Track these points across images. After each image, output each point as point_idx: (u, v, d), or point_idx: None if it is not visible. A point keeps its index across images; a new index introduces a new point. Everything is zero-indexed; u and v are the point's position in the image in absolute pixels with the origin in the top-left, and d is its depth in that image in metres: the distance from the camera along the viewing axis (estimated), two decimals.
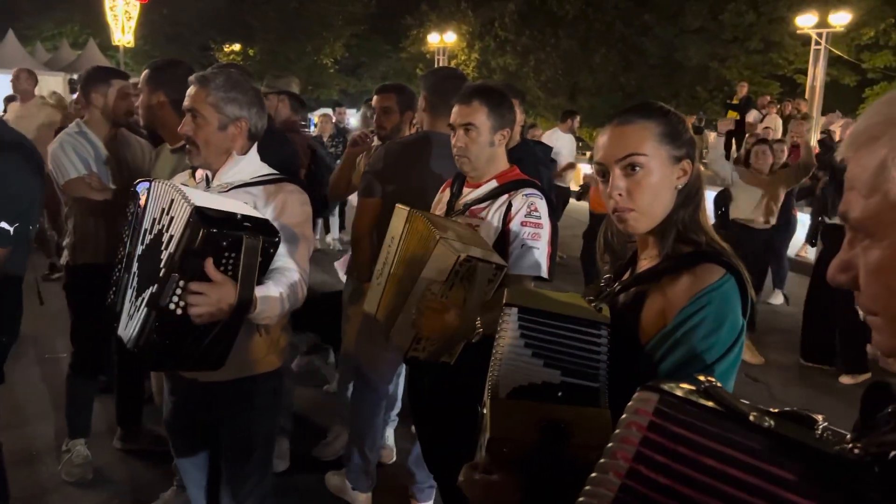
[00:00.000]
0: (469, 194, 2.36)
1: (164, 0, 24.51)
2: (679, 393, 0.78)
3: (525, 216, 2.20)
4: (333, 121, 9.81)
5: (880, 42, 19.33)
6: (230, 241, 1.67)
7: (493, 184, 2.31)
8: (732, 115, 13.34)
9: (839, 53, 18.55)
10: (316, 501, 3.29)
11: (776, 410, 0.74)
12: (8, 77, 18.56)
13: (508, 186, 2.29)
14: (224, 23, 26.56)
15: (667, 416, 0.76)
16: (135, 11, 22.26)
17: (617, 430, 0.82)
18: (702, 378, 0.78)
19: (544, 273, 2.23)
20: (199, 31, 26.67)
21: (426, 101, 2.98)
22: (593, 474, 0.81)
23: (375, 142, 3.53)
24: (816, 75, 17.39)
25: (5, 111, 9.55)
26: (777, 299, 7.28)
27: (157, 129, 2.92)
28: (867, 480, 0.63)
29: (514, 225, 2.21)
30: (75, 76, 16.77)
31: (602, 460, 0.81)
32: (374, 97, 3.50)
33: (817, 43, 17.42)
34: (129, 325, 1.80)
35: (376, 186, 2.91)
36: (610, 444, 0.81)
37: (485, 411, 1.23)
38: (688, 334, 1.24)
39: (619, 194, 1.36)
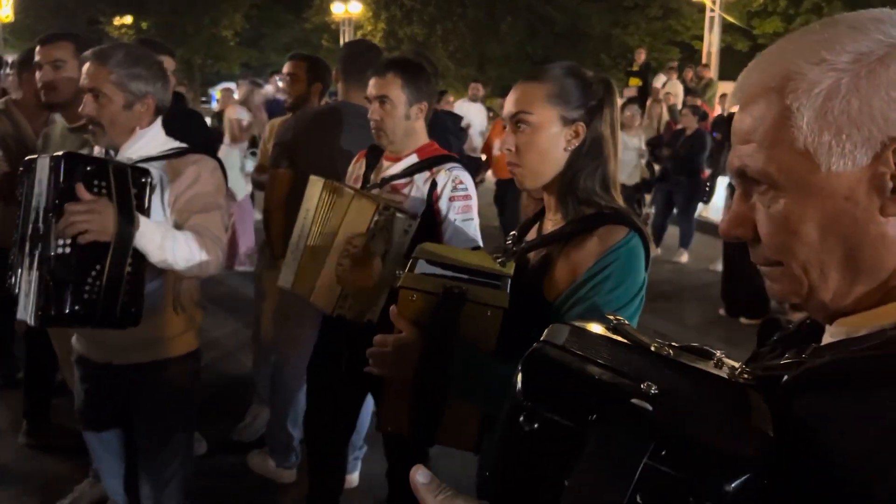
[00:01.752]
0: (388, 168, 2.32)
1: None
2: (588, 328, 0.81)
3: (452, 191, 2.18)
4: (235, 96, 9.47)
5: (769, 9, 20.24)
6: (96, 167, 1.72)
7: (413, 158, 2.28)
8: (635, 81, 13.74)
9: (731, 20, 19.35)
10: (241, 482, 3.25)
11: (677, 345, 0.76)
12: None
13: (430, 162, 2.25)
14: None
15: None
16: None
17: None
18: (611, 317, 0.81)
19: (479, 243, 2.24)
20: (85, 2, 25.06)
21: (339, 72, 2.95)
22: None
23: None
24: (712, 41, 18.10)
25: None
26: (683, 258, 7.66)
27: (59, 109, 2.76)
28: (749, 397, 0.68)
29: (442, 202, 2.18)
30: None
31: None
32: (285, 64, 3.48)
33: (711, 10, 18.12)
34: (29, 300, 1.73)
35: (286, 157, 2.86)
36: None
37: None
38: (594, 289, 1.31)
39: (508, 149, 1.45)
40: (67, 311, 1.70)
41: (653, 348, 0.73)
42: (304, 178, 2.30)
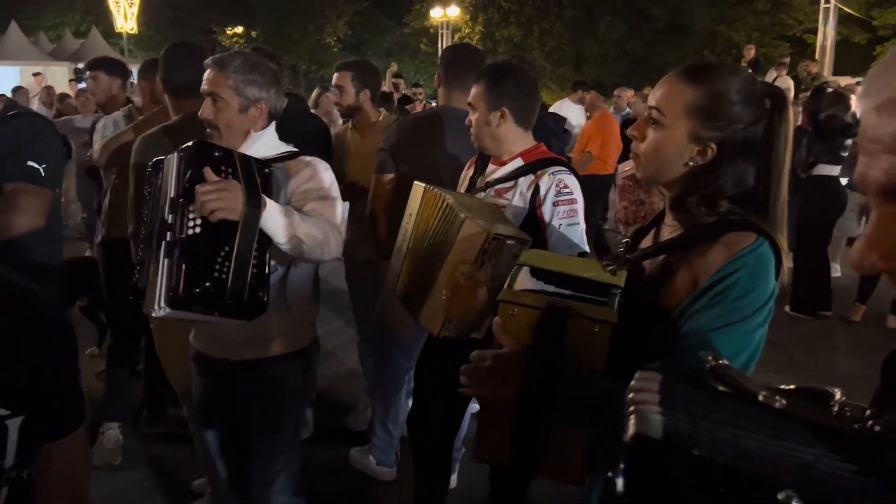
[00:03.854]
0: (493, 172, 2.32)
1: None
2: (683, 373, 0.73)
3: (556, 196, 2.14)
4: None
5: None
6: (222, 154, 1.79)
7: (518, 162, 2.26)
8: None
9: (849, 11, 18.20)
10: (341, 477, 3.34)
11: (788, 388, 0.68)
12: (15, 69, 18.57)
13: (533, 165, 2.23)
14: (225, 5, 26.38)
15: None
16: None
17: None
18: (709, 357, 0.73)
19: (585, 248, 2.19)
20: (200, 14, 26.51)
21: (440, 76, 2.97)
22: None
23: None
24: (826, 34, 17.12)
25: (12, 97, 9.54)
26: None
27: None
28: (889, 458, 0.58)
29: (545, 207, 2.15)
30: (80, 65, 16.79)
31: None
32: (334, 76, 3.56)
33: (826, 1, 17.10)
34: (156, 290, 1.78)
35: (390, 162, 2.90)
36: None
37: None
38: (717, 297, 1.23)
39: (635, 135, 1.38)
40: (197, 290, 1.70)
41: (761, 398, 0.65)
42: (407, 183, 2.33)
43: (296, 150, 2.12)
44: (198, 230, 1.72)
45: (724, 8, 21.88)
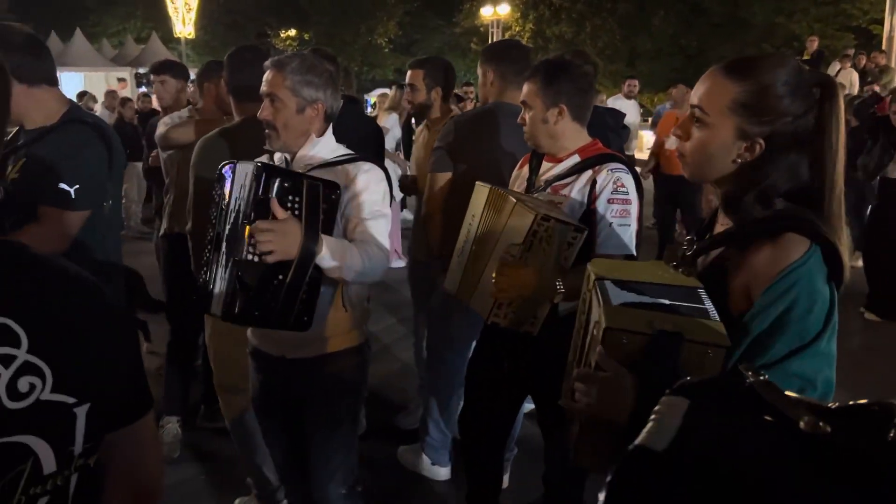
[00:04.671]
0: (549, 170, 2.28)
1: None
2: (713, 395, 0.67)
3: (612, 193, 2.10)
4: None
5: None
6: (291, 183, 1.82)
7: (575, 158, 2.22)
8: None
9: None
10: (390, 474, 3.34)
11: (838, 406, 0.60)
12: (79, 75, 19.25)
13: (591, 161, 2.18)
14: (279, 8, 26.89)
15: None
16: (194, 2, 22.73)
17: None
18: (749, 373, 0.66)
19: (633, 252, 2.14)
20: (255, 18, 27.08)
21: (493, 73, 2.94)
22: None
23: None
24: (894, 24, 16.40)
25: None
26: (858, 262, 7.02)
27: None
28: None
29: (599, 203, 2.11)
30: (141, 70, 17.32)
31: None
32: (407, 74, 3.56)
33: None
34: (217, 295, 1.88)
35: (447, 161, 2.89)
36: None
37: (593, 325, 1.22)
38: (781, 320, 1.18)
39: (678, 134, 1.35)
40: (248, 313, 1.82)
41: (802, 425, 0.57)
42: (464, 182, 2.31)
43: (354, 154, 2.13)
44: (256, 258, 1.79)
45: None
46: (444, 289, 2.33)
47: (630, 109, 7.88)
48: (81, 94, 10.63)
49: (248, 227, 1.78)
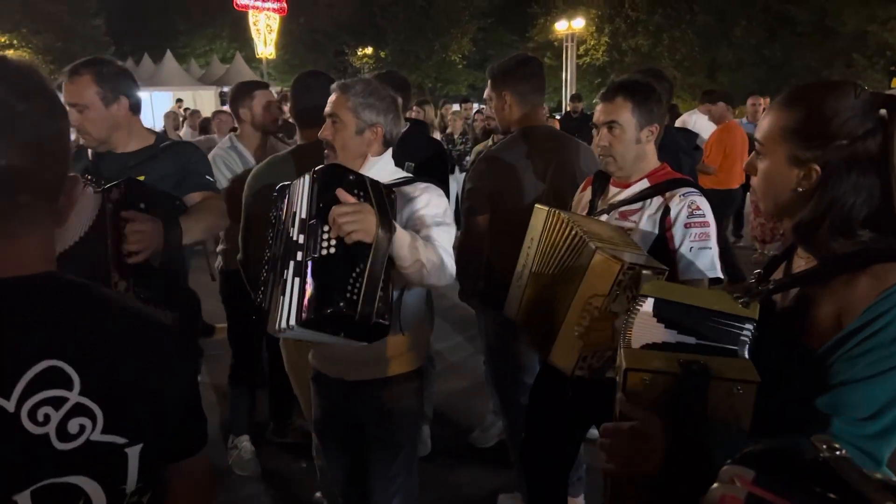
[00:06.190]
0: (617, 195, 2.23)
1: (301, 10, 25.82)
2: (780, 469, 0.63)
3: (688, 217, 2.05)
4: (462, 117, 9.81)
5: None
6: (355, 178, 1.82)
7: (644, 183, 2.17)
8: None
9: None
10: (454, 495, 3.31)
11: None
12: (169, 95, 20.25)
13: (662, 187, 2.13)
14: (357, 27, 27.58)
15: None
16: (275, 24, 23.58)
17: None
18: (823, 445, 0.63)
19: (719, 274, 2.07)
20: (333, 37, 27.86)
21: (510, 96, 2.77)
22: None
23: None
24: None
25: (164, 127, 10.34)
26: None
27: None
28: None
29: (676, 230, 2.05)
30: (225, 89, 18.07)
31: None
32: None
33: None
34: (282, 312, 1.81)
35: (485, 203, 2.76)
36: None
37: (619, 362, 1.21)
38: (871, 339, 1.11)
39: (748, 170, 1.35)
40: (330, 309, 1.72)
41: None
42: (505, 219, 2.28)
43: (411, 175, 2.15)
44: (332, 250, 1.75)
45: (877, 6, 20.23)
46: (505, 313, 2.29)
47: (705, 124, 7.57)
48: (169, 115, 11.12)
49: (315, 224, 1.78)
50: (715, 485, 0.64)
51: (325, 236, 1.74)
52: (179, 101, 17.29)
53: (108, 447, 0.89)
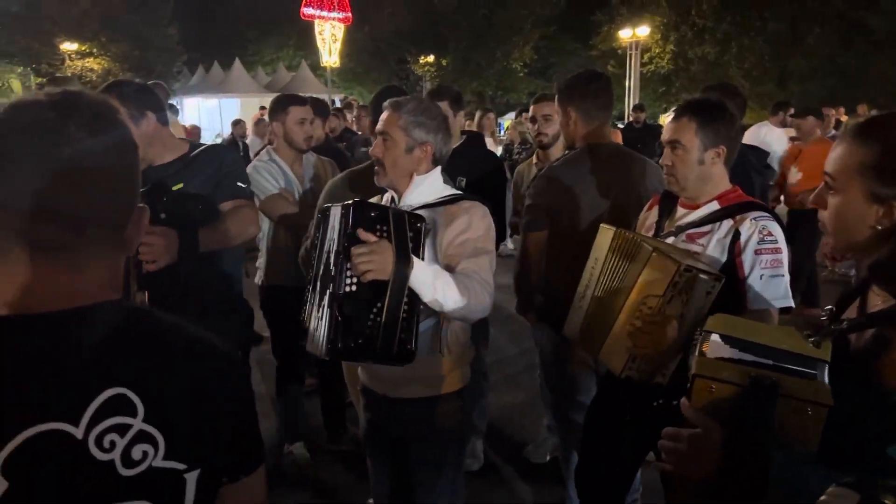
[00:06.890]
0: (684, 216, 2.18)
1: (365, 19, 26.25)
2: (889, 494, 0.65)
3: (758, 243, 1.98)
4: (514, 127, 9.68)
5: None
6: (378, 213, 1.89)
7: (714, 205, 2.11)
8: None
9: None
10: None
11: None
12: (236, 101, 20.79)
13: (732, 210, 2.07)
14: (419, 36, 27.84)
15: None
16: (340, 33, 24.04)
17: None
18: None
19: (791, 303, 2.01)
20: (396, 45, 28.19)
21: (575, 112, 2.74)
22: None
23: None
24: None
25: (231, 134, 10.60)
26: None
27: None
28: None
29: (746, 255, 1.99)
30: None
31: None
32: (532, 107, 3.51)
33: None
34: (318, 335, 1.93)
35: (544, 219, 2.75)
36: None
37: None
38: None
39: (817, 203, 1.31)
40: (352, 344, 1.86)
41: None
42: (562, 235, 2.27)
43: (459, 193, 2.15)
44: (353, 288, 1.85)
45: None
46: (564, 333, 2.27)
47: (777, 137, 7.27)
48: (235, 123, 11.40)
49: (341, 259, 1.85)
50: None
51: (349, 272, 1.85)
52: (263, 108, 17.73)
53: (168, 473, 0.91)
